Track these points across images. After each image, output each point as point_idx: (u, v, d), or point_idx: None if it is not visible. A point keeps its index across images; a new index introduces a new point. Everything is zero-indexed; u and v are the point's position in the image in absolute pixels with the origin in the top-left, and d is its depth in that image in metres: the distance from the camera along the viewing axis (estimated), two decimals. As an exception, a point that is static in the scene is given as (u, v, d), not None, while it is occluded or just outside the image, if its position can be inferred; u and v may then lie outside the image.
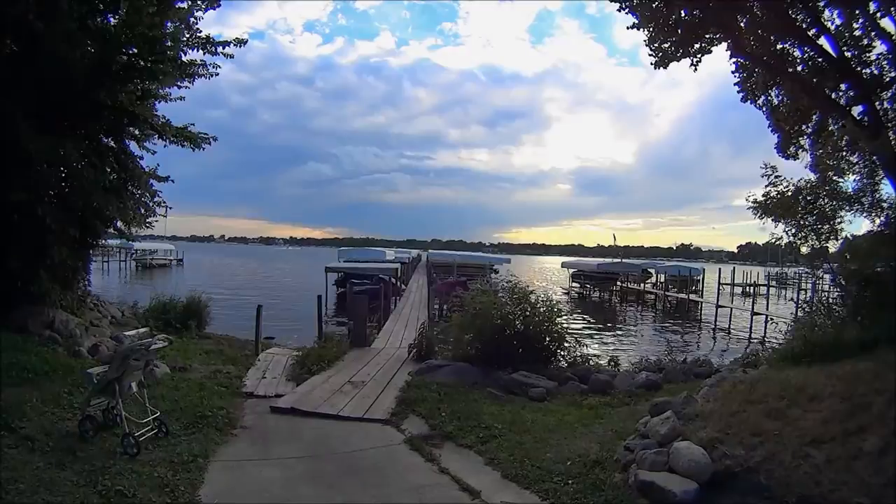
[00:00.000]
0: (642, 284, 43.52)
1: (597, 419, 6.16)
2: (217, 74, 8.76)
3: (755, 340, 19.66)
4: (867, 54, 7.64)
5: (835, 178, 7.28)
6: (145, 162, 9.25)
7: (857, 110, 7.56)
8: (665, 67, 7.98)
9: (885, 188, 6.81)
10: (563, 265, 55.68)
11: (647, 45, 7.93)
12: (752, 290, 37.70)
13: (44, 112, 7.23)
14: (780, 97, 8.85)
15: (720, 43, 7.91)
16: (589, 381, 7.74)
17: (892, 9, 6.88)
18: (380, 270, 27.35)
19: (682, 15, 7.59)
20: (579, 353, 9.12)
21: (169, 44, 8.10)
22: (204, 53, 8.45)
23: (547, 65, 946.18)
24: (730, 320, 26.20)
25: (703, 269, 41.21)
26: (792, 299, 25.27)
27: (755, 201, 6.63)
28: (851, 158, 7.85)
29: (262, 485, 4.35)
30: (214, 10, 8.61)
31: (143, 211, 9.23)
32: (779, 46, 8.01)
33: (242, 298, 25.25)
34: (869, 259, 5.62)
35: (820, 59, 7.61)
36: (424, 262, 52.89)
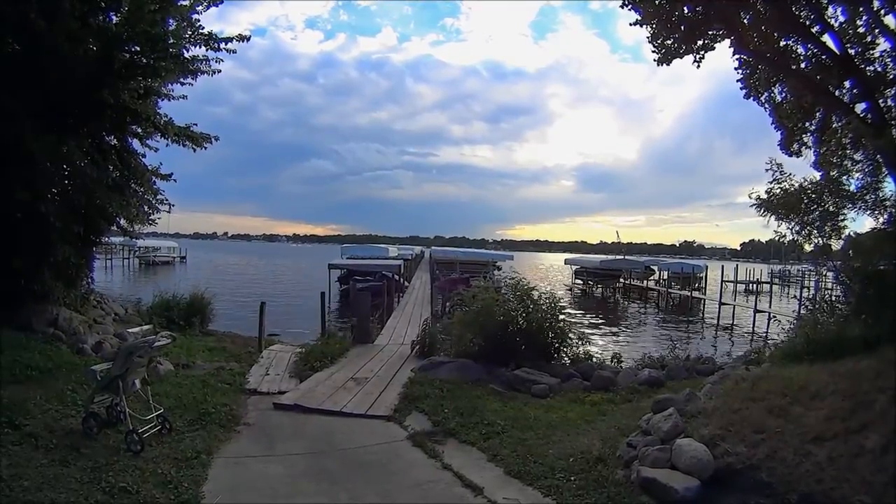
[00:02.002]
0: (645, 281, 43.43)
1: (599, 416, 6.16)
2: (219, 71, 8.81)
3: (758, 338, 19.61)
4: (871, 51, 7.61)
5: (838, 176, 7.24)
6: (148, 160, 9.32)
7: (860, 107, 7.52)
8: (668, 64, 7.95)
9: (889, 186, 6.77)
10: (567, 262, 55.61)
11: (650, 42, 7.90)
12: (755, 288, 37.70)
13: (46, 110, 7.25)
14: (784, 94, 8.81)
15: (723, 39, 7.87)
16: (591, 377, 7.73)
17: (896, 5, 6.85)
18: (383, 267, 27.41)
19: (686, 11, 7.55)
20: (582, 350, 9.11)
21: (171, 41, 8.11)
22: (206, 49, 8.47)
23: (549, 60, 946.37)
24: (733, 318, 26.13)
25: (706, 266, 41.15)
26: (795, 297, 25.19)
27: (758, 198, 6.60)
28: (855, 156, 7.80)
29: (266, 481, 4.36)
30: (216, 6, 8.63)
31: (146, 208, 9.27)
32: (782, 43, 7.96)
33: (246, 295, 25.34)
34: (872, 256, 5.59)
35: (823, 56, 7.57)
36: (427, 259, 52.83)
